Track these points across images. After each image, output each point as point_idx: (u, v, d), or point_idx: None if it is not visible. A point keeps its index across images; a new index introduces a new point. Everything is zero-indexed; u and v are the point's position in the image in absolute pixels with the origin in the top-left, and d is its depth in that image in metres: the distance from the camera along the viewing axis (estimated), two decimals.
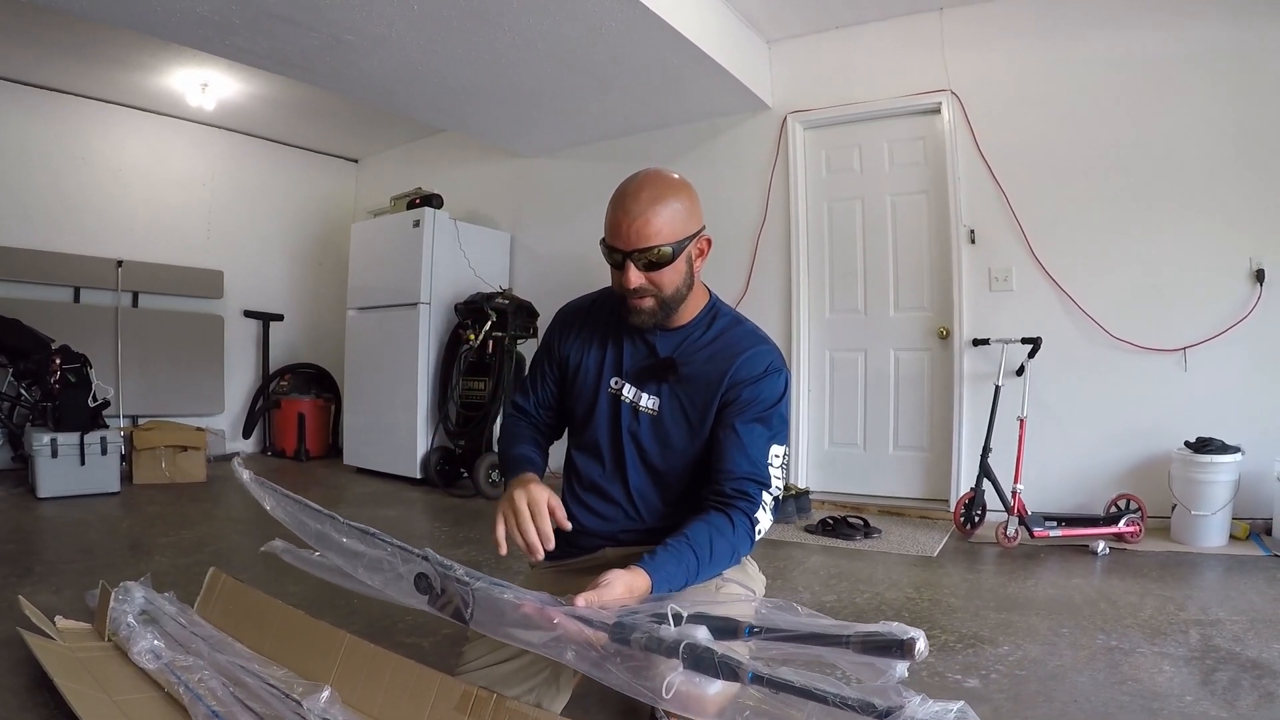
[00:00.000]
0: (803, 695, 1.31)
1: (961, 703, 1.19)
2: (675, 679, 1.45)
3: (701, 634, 1.49)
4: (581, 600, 1.64)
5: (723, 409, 2.18)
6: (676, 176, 2.18)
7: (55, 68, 7.71)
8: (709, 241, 2.25)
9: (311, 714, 2.07)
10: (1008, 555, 5.14)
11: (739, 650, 1.47)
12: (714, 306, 2.35)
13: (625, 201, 2.11)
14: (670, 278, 2.14)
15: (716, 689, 1.45)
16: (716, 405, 2.19)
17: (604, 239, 2.17)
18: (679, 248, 2.11)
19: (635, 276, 2.11)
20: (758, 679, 1.38)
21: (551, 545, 2.00)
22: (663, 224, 2.08)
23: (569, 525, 2.08)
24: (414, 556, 1.84)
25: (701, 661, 1.43)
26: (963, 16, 6.33)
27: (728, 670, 1.41)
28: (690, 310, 2.29)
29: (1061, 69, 6.01)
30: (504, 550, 2.01)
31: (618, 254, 2.12)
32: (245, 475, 2.36)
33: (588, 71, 6.52)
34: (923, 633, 1.32)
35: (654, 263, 2.09)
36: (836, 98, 6.89)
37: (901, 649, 1.30)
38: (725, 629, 1.50)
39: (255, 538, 2.30)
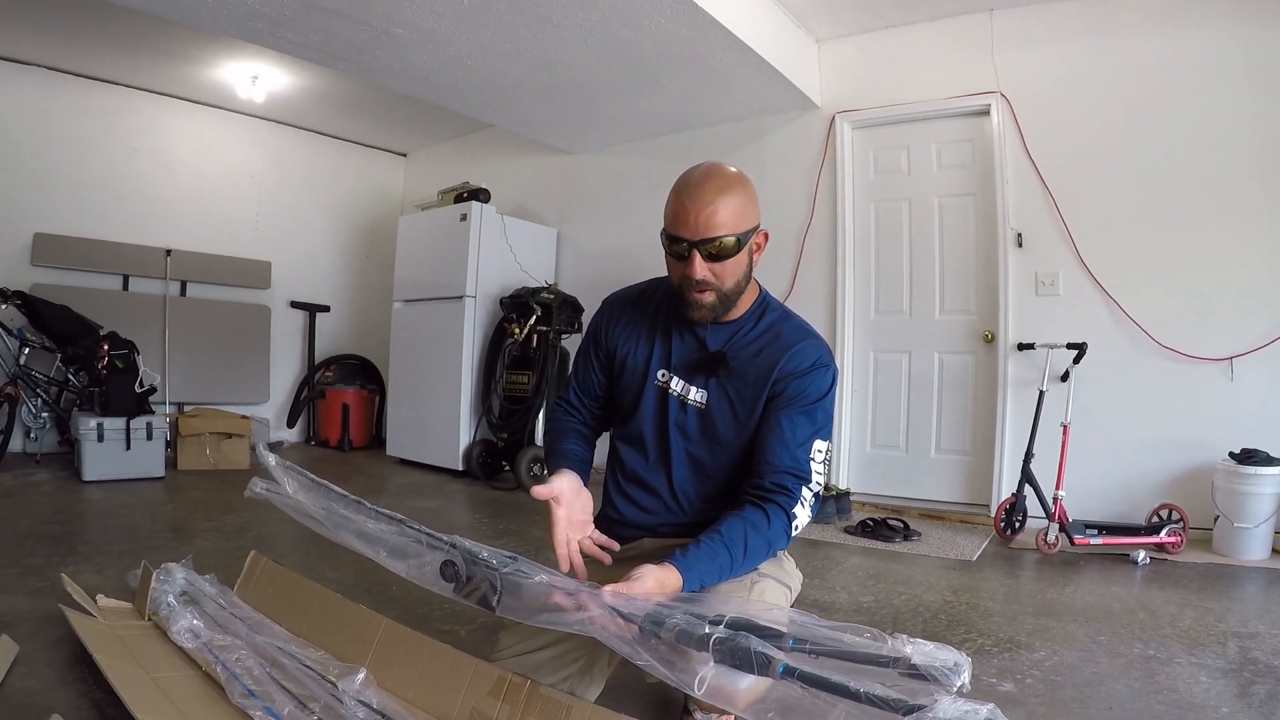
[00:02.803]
0: (834, 691, 1.31)
1: (991, 705, 1.19)
2: (707, 673, 1.46)
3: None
4: (609, 592, 1.65)
5: (769, 402, 2.19)
6: (736, 170, 2.18)
7: (108, 60, 7.82)
8: (766, 236, 2.25)
9: (346, 695, 2.09)
10: (1047, 562, 5.10)
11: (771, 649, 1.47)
12: (764, 301, 2.36)
13: (691, 191, 2.11)
14: (732, 270, 2.14)
15: (748, 684, 1.45)
16: (764, 398, 2.19)
17: (665, 230, 2.17)
18: (743, 240, 2.12)
19: (700, 267, 2.10)
20: (790, 672, 1.38)
21: (583, 573, 2.03)
22: (729, 214, 2.08)
23: (605, 556, 2.10)
24: (441, 544, 1.85)
25: (735, 654, 1.44)
26: (1012, 18, 6.28)
27: (761, 663, 1.41)
28: (742, 305, 2.29)
29: (1112, 72, 5.95)
30: (566, 568, 2.03)
31: (682, 244, 2.12)
32: (271, 460, 2.39)
33: (636, 68, 6.53)
34: (968, 664, 1.32)
35: (717, 254, 2.10)
36: (885, 98, 6.86)
37: (941, 684, 1.29)
38: (769, 638, 1.49)
39: (296, 525, 2.33)
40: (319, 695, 2.15)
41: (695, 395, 2.28)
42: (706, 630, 1.48)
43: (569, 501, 2.10)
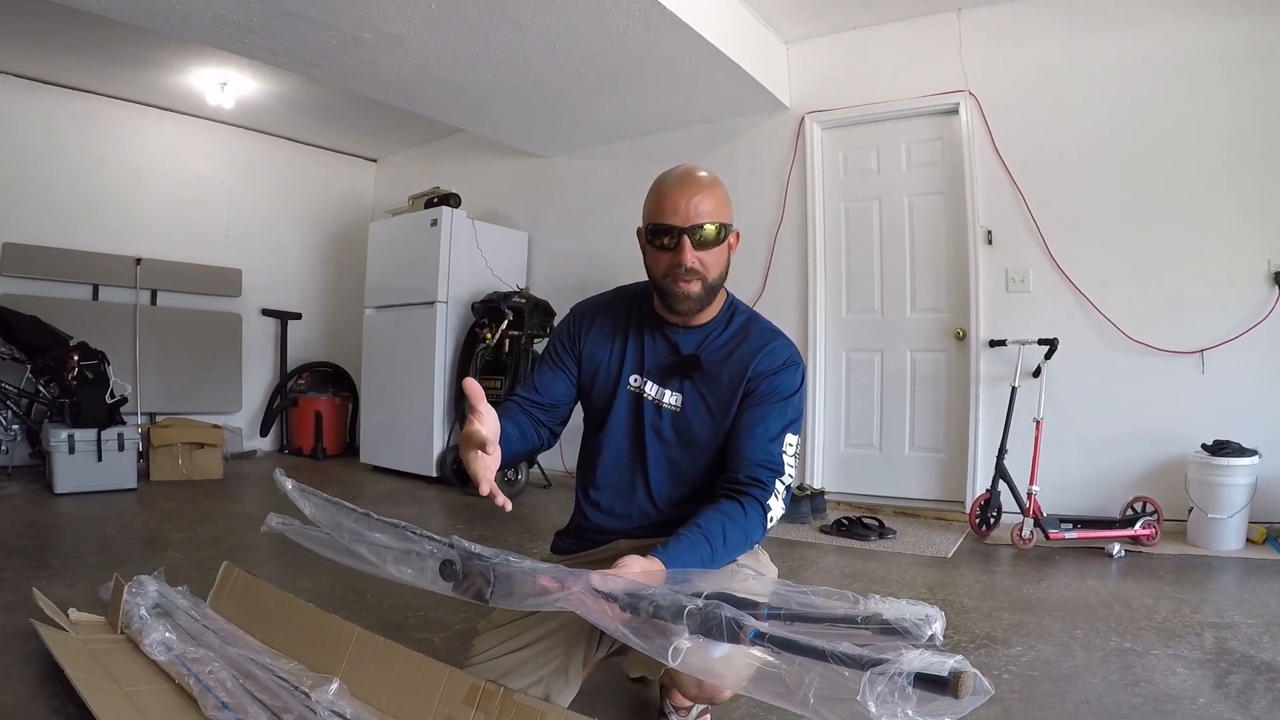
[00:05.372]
0: (803, 653, 1.32)
1: (959, 655, 1.19)
2: (682, 644, 1.46)
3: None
4: (597, 577, 1.65)
5: (742, 400, 2.22)
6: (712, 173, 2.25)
7: (76, 66, 7.75)
8: (738, 236, 2.31)
9: (320, 706, 2.08)
10: (1023, 557, 5.12)
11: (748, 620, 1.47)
12: (732, 304, 2.39)
13: (680, 182, 2.17)
14: (717, 259, 2.20)
15: (722, 653, 1.45)
16: (739, 398, 2.22)
17: (650, 223, 2.20)
18: (724, 232, 2.19)
19: (691, 254, 2.14)
20: (760, 636, 1.38)
21: (484, 484, 1.95)
22: (716, 204, 2.16)
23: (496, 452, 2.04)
24: (442, 545, 1.86)
25: (708, 622, 1.44)
26: (981, 18, 6.32)
27: (732, 631, 1.41)
28: (713, 308, 2.33)
29: (1079, 70, 5.99)
30: (485, 491, 1.97)
31: (674, 232, 2.14)
32: (289, 485, 2.39)
33: (605, 71, 6.52)
34: (941, 616, 1.32)
35: (707, 241, 2.15)
36: (854, 98, 6.89)
37: (912, 635, 1.30)
38: (744, 607, 1.50)
39: (269, 535, 2.32)
40: (293, 706, 2.13)
41: (670, 398, 2.30)
42: (682, 602, 1.49)
43: (491, 423, 2.09)
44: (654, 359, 2.35)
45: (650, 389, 2.33)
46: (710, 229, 2.13)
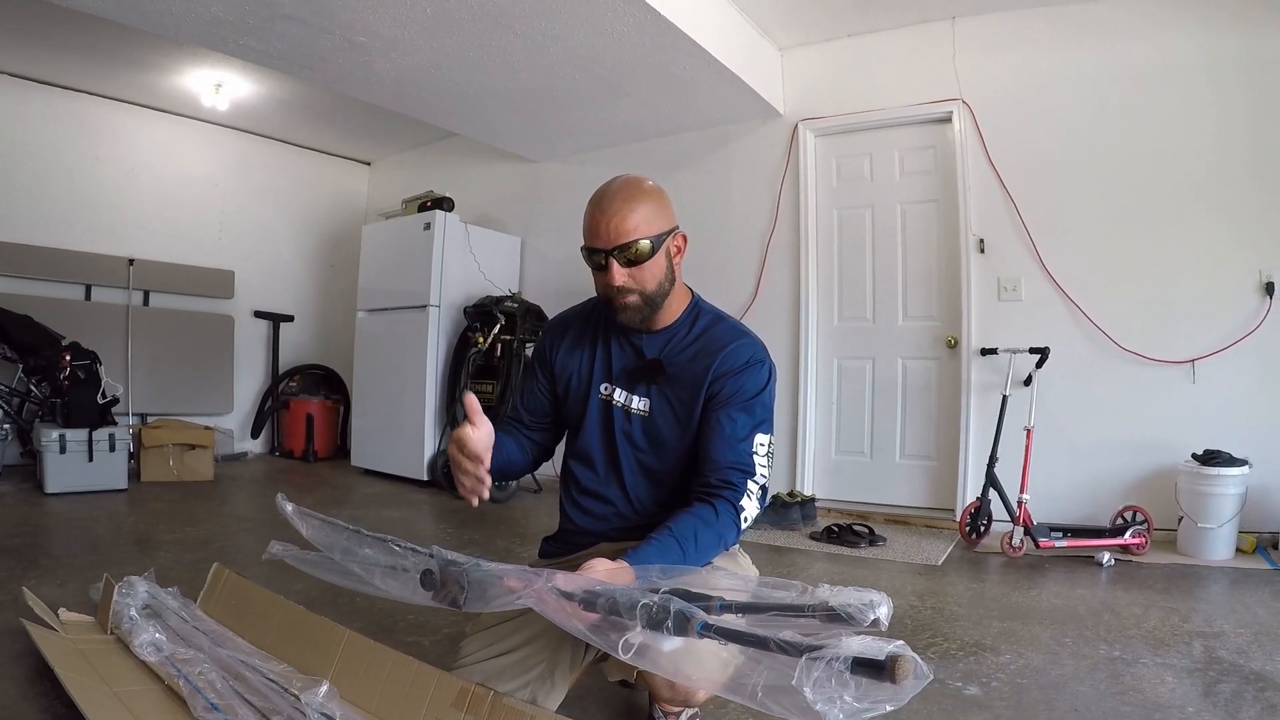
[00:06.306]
0: (746, 643, 1.34)
1: (901, 641, 1.20)
2: (634, 638, 1.48)
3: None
4: (560, 577, 1.67)
5: (708, 402, 2.25)
6: (648, 181, 2.28)
7: (71, 66, 7.73)
8: (685, 238, 2.34)
9: (309, 708, 2.08)
10: (1012, 565, 5.12)
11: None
12: (696, 306, 2.44)
13: (601, 203, 2.20)
14: (652, 273, 2.22)
15: (672, 646, 1.47)
16: (703, 399, 2.25)
17: (584, 245, 2.25)
18: (657, 243, 2.20)
19: (619, 274, 2.19)
20: (707, 628, 1.41)
21: (483, 491, 2.11)
22: (639, 220, 2.17)
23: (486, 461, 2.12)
24: (423, 556, 1.87)
25: (657, 615, 1.46)
26: (974, 26, 6.33)
27: (680, 624, 1.43)
28: (674, 311, 2.37)
29: (1073, 79, 6.01)
30: (475, 503, 2.13)
31: (599, 254, 2.20)
32: (289, 508, 2.39)
33: (599, 76, 6.53)
34: (887, 601, 1.34)
35: (633, 259, 2.18)
36: (848, 106, 6.89)
37: (855, 622, 1.33)
38: (696, 601, 1.52)
39: (260, 536, 2.33)
40: (282, 708, 2.13)
41: (638, 404, 2.35)
42: (637, 597, 1.50)
43: (484, 427, 2.14)
44: (620, 365, 2.40)
45: (619, 395, 2.38)
46: (639, 246, 2.16)
